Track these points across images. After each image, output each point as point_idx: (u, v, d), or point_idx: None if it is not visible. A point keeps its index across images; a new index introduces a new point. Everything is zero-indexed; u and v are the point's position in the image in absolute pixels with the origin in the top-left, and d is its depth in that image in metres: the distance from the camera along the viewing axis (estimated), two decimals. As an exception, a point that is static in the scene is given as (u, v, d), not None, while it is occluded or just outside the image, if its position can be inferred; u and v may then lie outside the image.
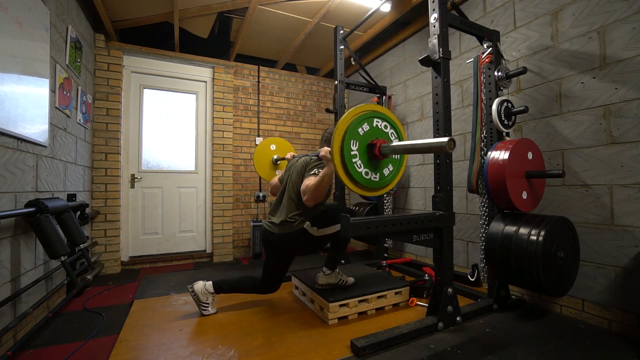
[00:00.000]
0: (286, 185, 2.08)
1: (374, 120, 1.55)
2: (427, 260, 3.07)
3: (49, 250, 1.70)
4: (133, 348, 1.61)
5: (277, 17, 3.13)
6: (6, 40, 1.53)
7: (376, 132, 1.56)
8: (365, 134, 1.52)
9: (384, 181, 1.60)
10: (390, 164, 1.63)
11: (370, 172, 1.54)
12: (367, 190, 1.58)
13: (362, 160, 1.50)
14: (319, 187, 1.78)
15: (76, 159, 2.55)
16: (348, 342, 1.59)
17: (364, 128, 1.51)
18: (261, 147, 2.99)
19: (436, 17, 1.81)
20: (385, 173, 1.61)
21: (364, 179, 1.51)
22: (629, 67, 1.70)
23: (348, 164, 1.45)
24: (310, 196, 1.80)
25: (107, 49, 3.12)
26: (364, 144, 1.52)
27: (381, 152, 1.51)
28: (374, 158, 1.54)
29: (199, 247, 3.65)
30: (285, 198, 2.04)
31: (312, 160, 2.02)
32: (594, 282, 1.83)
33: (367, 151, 1.52)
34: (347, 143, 1.45)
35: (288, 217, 1.94)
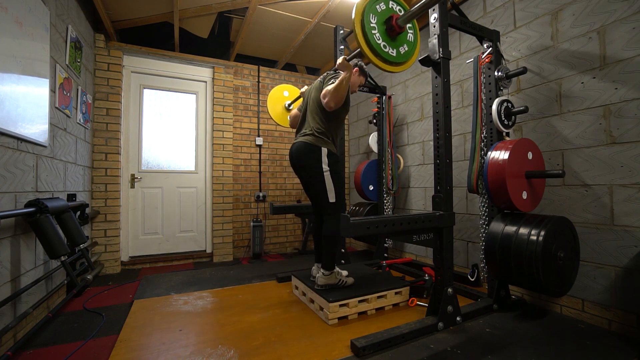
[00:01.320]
0: (307, 105, 2.20)
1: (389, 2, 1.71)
2: (427, 260, 3.07)
3: (49, 250, 1.70)
4: (133, 348, 1.61)
5: (277, 17, 3.13)
6: (6, 40, 1.53)
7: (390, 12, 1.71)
8: (382, 12, 1.67)
9: (400, 58, 1.72)
10: (405, 44, 1.75)
11: (388, 46, 1.67)
12: (386, 63, 1.69)
13: (380, 33, 1.65)
14: (339, 89, 1.90)
15: (76, 159, 2.55)
16: (348, 342, 1.59)
17: (381, 6, 1.67)
18: (274, 92, 3.00)
19: (436, 17, 1.81)
20: (402, 51, 1.73)
21: (383, 51, 1.65)
22: (629, 67, 1.70)
23: (368, 34, 1.59)
24: (331, 98, 1.91)
25: (107, 49, 3.12)
26: (382, 19, 1.66)
27: (398, 23, 1.65)
28: (392, 32, 1.67)
29: (199, 247, 3.65)
30: (308, 115, 2.16)
31: (329, 74, 2.16)
32: (594, 282, 1.83)
33: (385, 25, 1.66)
34: (367, 16, 1.60)
35: (314, 129, 2.06)
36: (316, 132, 2.06)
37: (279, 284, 2.63)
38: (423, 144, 3.16)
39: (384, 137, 3.25)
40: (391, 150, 3.21)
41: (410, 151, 3.31)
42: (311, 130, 2.08)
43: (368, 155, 4.03)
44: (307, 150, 2.04)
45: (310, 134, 2.07)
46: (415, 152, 3.24)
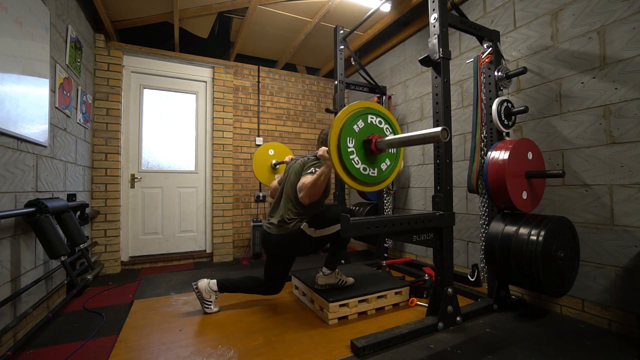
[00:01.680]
0: (284, 187, 2.09)
1: (368, 117, 1.58)
2: (427, 260, 3.07)
3: (49, 250, 1.70)
4: (133, 348, 1.61)
5: (277, 17, 3.13)
6: (6, 40, 1.53)
7: (371, 128, 1.59)
8: (360, 131, 1.54)
9: (382, 176, 1.62)
10: (387, 159, 1.65)
11: (368, 168, 1.57)
12: (366, 186, 1.60)
13: (359, 157, 1.53)
14: (315, 185, 1.79)
15: (76, 159, 2.55)
16: (348, 342, 1.59)
17: (359, 125, 1.54)
18: (259, 152, 3.00)
19: (436, 17, 1.81)
20: (383, 168, 1.63)
21: (362, 175, 1.54)
22: (629, 67, 1.70)
23: (346, 160, 1.48)
24: (306, 193, 1.80)
25: (107, 49, 3.12)
26: (360, 140, 1.54)
27: (377, 147, 1.54)
28: (371, 154, 1.57)
29: (199, 247, 3.65)
30: (283, 198, 2.05)
31: (310, 160, 2.04)
32: (594, 282, 1.83)
33: (364, 147, 1.55)
34: (344, 140, 1.48)
35: (285, 217, 1.95)
36: (288, 219, 1.94)
37: (279, 284, 2.63)
38: (423, 144, 3.15)
39: (384, 137, 3.25)
40: (391, 150, 3.21)
41: (410, 151, 3.31)
42: (282, 218, 1.96)
43: (368, 155, 4.02)
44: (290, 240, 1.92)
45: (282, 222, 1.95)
46: (415, 152, 3.24)
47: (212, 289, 2.01)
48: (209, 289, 2.00)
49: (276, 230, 1.96)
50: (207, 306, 2.01)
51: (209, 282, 2.02)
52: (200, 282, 2.02)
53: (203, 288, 2.00)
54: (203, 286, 2.00)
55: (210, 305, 2.01)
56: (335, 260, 2.08)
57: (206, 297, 2.00)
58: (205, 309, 2.01)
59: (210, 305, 2.01)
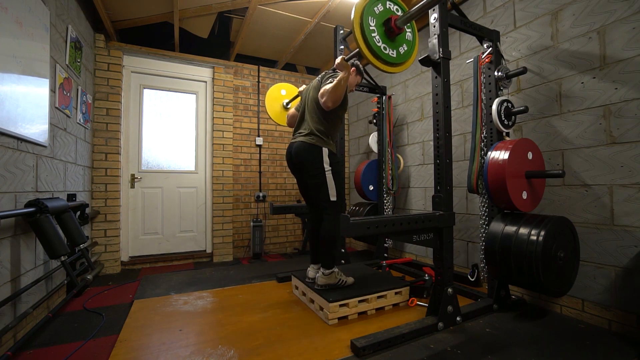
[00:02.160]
0: (305, 104, 2.20)
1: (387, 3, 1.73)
2: (427, 260, 3.07)
3: (49, 250, 1.70)
4: (133, 348, 1.61)
5: (277, 17, 3.13)
6: (6, 40, 1.53)
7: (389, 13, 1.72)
8: (380, 13, 1.68)
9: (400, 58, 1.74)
10: (404, 44, 1.78)
11: (388, 48, 1.69)
12: (386, 65, 1.71)
13: (379, 35, 1.66)
14: (337, 89, 1.89)
15: (76, 159, 2.55)
16: (348, 342, 1.59)
17: (379, 8, 1.69)
18: (272, 92, 3.02)
19: (436, 17, 1.81)
20: (401, 51, 1.75)
21: (383, 53, 1.67)
22: (629, 67, 1.70)
23: (368, 37, 1.61)
24: (328, 97, 1.91)
25: (107, 49, 3.12)
26: (380, 21, 1.68)
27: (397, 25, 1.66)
28: (391, 34, 1.69)
29: (199, 247, 3.65)
30: (306, 114, 2.16)
31: (327, 73, 2.15)
32: (594, 282, 1.83)
33: (384, 26, 1.68)
34: (366, 19, 1.62)
35: (312, 129, 2.06)
36: (316, 131, 2.06)
37: (279, 284, 2.63)
38: (423, 144, 3.16)
39: (384, 137, 3.25)
40: (391, 150, 3.21)
41: (410, 151, 3.31)
42: (310, 130, 2.08)
43: (368, 155, 4.03)
44: (308, 150, 2.04)
45: (310, 133, 2.07)
46: (415, 152, 3.24)
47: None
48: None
49: (300, 139, 2.09)
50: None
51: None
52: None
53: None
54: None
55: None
56: (328, 258, 2.06)
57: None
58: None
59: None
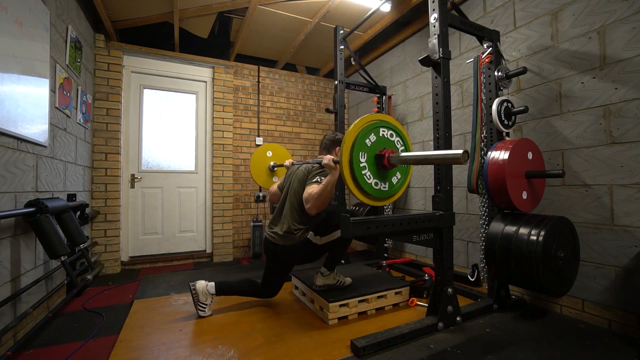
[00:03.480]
0: (287, 195, 2.05)
1: (380, 130, 1.55)
2: (427, 260, 3.07)
3: (49, 250, 1.70)
4: (133, 348, 1.61)
5: (277, 17, 3.13)
6: (6, 40, 1.53)
7: (383, 142, 1.55)
8: (372, 145, 1.51)
9: (392, 190, 1.60)
10: (398, 172, 1.63)
11: (380, 182, 1.54)
12: (377, 201, 1.58)
13: (371, 172, 1.51)
14: (322, 195, 1.75)
15: (76, 159, 2.55)
16: (348, 342, 1.59)
17: (371, 139, 1.51)
18: (257, 154, 2.97)
19: (436, 17, 1.81)
20: (394, 181, 1.61)
21: (374, 190, 1.52)
22: (629, 67, 1.70)
23: (358, 176, 1.45)
24: (313, 204, 1.76)
25: (107, 49, 3.12)
26: (372, 155, 1.52)
27: (390, 162, 1.51)
28: (383, 168, 1.54)
29: (199, 247, 3.65)
30: (286, 207, 2.01)
31: (314, 168, 1.98)
32: (594, 282, 1.83)
33: (376, 162, 1.52)
34: (356, 156, 1.45)
35: (292, 228, 1.93)
36: (294, 230, 1.92)
37: (279, 284, 2.63)
38: (423, 144, 3.16)
39: (384, 137, 3.25)
40: (391, 150, 3.20)
41: (410, 151, 3.31)
42: (288, 227, 1.93)
43: (368, 155, 4.02)
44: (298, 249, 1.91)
45: (289, 232, 1.92)
46: (416, 152, 3.23)
47: (210, 291, 1.97)
48: (206, 292, 1.96)
49: (282, 241, 1.93)
50: (201, 309, 1.95)
51: (206, 285, 1.98)
52: (198, 283, 1.98)
53: (200, 290, 1.95)
54: (200, 288, 1.96)
55: (205, 309, 1.96)
56: (334, 261, 2.08)
57: (202, 299, 1.95)
58: (199, 311, 1.95)
59: (205, 309, 1.96)
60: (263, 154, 2.99)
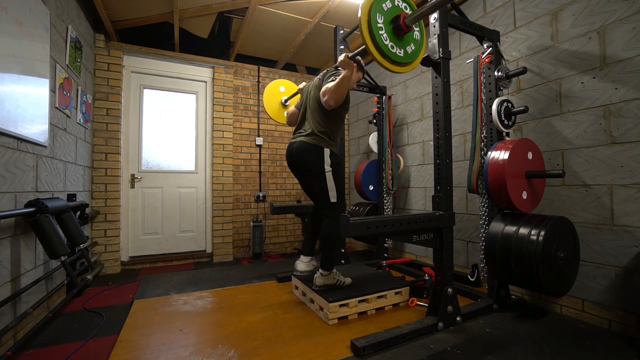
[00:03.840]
0: (307, 103, 2.16)
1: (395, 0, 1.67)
2: (427, 260, 3.07)
3: (49, 250, 1.70)
4: (133, 348, 1.61)
5: (277, 17, 3.13)
6: (6, 40, 1.53)
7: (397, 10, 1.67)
8: (388, 10, 1.62)
9: (407, 58, 1.69)
10: (412, 43, 1.72)
11: (395, 47, 1.63)
12: (393, 64, 1.66)
13: (387, 33, 1.61)
14: (339, 88, 1.86)
15: (76, 159, 2.55)
16: (348, 342, 1.59)
17: (387, 5, 1.62)
18: (270, 87, 2.98)
19: (436, 17, 1.81)
20: (409, 51, 1.69)
21: (390, 52, 1.61)
22: (629, 67, 1.70)
23: (376, 35, 1.54)
24: (331, 96, 1.87)
25: (107, 49, 3.12)
26: (388, 18, 1.62)
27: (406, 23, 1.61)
28: (399, 32, 1.64)
29: (199, 247, 3.65)
30: (308, 113, 2.12)
31: (329, 71, 2.11)
32: (594, 282, 1.83)
33: (392, 25, 1.62)
34: (374, 15, 1.55)
35: (315, 129, 2.03)
36: (317, 131, 2.02)
37: (279, 284, 2.63)
38: (423, 144, 3.16)
39: (384, 137, 3.25)
40: (391, 150, 3.21)
41: (410, 151, 3.31)
42: (312, 129, 2.03)
43: (368, 155, 4.03)
44: (309, 150, 2.01)
45: (312, 133, 2.03)
46: (415, 152, 3.24)
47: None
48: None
49: (301, 138, 2.05)
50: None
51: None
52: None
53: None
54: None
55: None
56: (329, 259, 2.06)
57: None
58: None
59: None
60: (276, 88, 3.00)
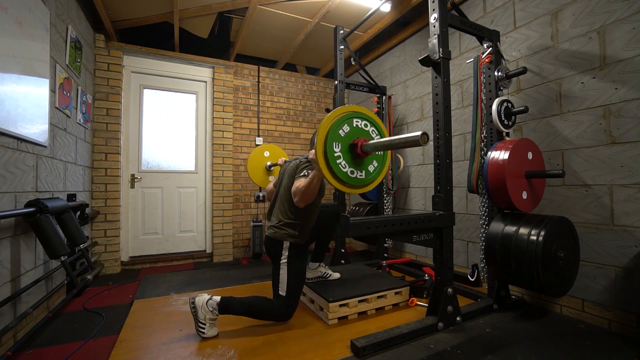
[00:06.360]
0: (279, 190, 2.07)
1: (353, 121, 1.59)
2: (427, 260, 3.07)
3: (49, 250, 1.70)
4: (133, 348, 1.61)
5: (277, 17, 3.13)
6: (6, 40, 1.53)
7: (357, 132, 1.60)
8: (346, 135, 1.55)
9: (369, 178, 1.64)
10: (374, 160, 1.67)
11: (356, 171, 1.58)
12: (354, 188, 1.62)
13: (346, 161, 1.55)
14: (309, 188, 1.77)
15: (76, 159, 2.55)
16: (348, 342, 1.59)
17: (345, 129, 1.55)
18: (254, 154, 3.00)
19: (436, 17, 1.81)
20: (371, 170, 1.65)
21: (350, 178, 1.55)
22: (629, 67, 1.70)
23: (333, 165, 1.49)
24: (301, 197, 1.80)
25: (107, 49, 3.12)
26: (346, 144, 1.56)
27: (363, 151, 1.56)
28: (358, 157, 1.58)
29: (199, 247, 3.65)
30: (278, 202, 2.04)
31: (302, 162, 2.02)
32: (594, 282, 1.83)
33: (350, 151, 1.57)
34: (330, 146, 1.50)
35: (282, 220, 1.92)
36: (282, 225, 1.90)
37: (279, 284, 2.63)
38: (423, 144, 3.15)
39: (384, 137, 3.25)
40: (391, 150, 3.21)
41: (410, 151, 3.31)
42: (277, 222, 1.93)
43: (368, 155, 4.02)
44: (272, 243, 1.93)
45: (276, 225, 1.93)
46: (415, 152, 3.24)
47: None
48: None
49: (269, 231, 1.97)
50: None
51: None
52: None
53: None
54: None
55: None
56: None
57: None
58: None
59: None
60: (260, 154, 3.02)
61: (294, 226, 1.89)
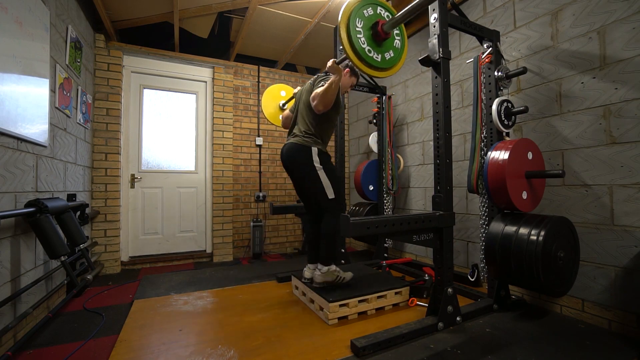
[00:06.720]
0: (298, 108, 2.23)
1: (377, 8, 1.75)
2: (427, 260, 3.07)
3: (49, 250, 1.70)
4: (133, 348, 1.61)
5: (277, 17, 3.13)
6: (6, 40, 1.53)
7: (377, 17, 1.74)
8: (369, 17, 1.70)
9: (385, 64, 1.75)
10: (391, 50, 1.78)
11: (373, 51, 1.70)
12: (370, 68, 1.72)
13: (365, 37, 1.68)
14: (327, 93, 1.92)
15: (76, 159, 2.55)
16: (348, 342, 1.59)
17: (369, 11, 1.70)
18: (272, 89, 2.99)
19: (436, 17, 1.81)
20: (387, 57, 1.76)
21: (367, 56, 1.67)
22: (629, 67, 1.70)
23: (353, 38, 1.62)
24: (319, 101, 1.94)
25: (107, 49, 3.12)
26: (368, 25, 1.69)
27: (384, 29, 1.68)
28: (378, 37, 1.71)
29: (199, 247, 3.65)
30: (298, 117, 2.20)
31: (319, 76, 2.18)
32: (594, 282, 1.83)
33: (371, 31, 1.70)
34: (353, 20, 1.64)
35: (303, 130, 2.10)
36: (305, 133, 2.10)
37: (279, 284, 2.63)
38: (423, 144, 3.16)
39: (384, 137, 3.25)
40: (391, 150, 3.21)
41: (410, 151, 3.31)
42: (300, 132, 2.12)
43: (368, 155, 4.03)
44: (297, 150, 2.07)
45: (300, 135, 2.11)
46: (415, 152, 3.24)
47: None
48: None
49: (291, 140, 2.11)
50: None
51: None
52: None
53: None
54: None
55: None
56: (329, 255, 2.06)
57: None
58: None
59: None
60: (277, 91, 3.02)
61: (316, 135, 2.09)
